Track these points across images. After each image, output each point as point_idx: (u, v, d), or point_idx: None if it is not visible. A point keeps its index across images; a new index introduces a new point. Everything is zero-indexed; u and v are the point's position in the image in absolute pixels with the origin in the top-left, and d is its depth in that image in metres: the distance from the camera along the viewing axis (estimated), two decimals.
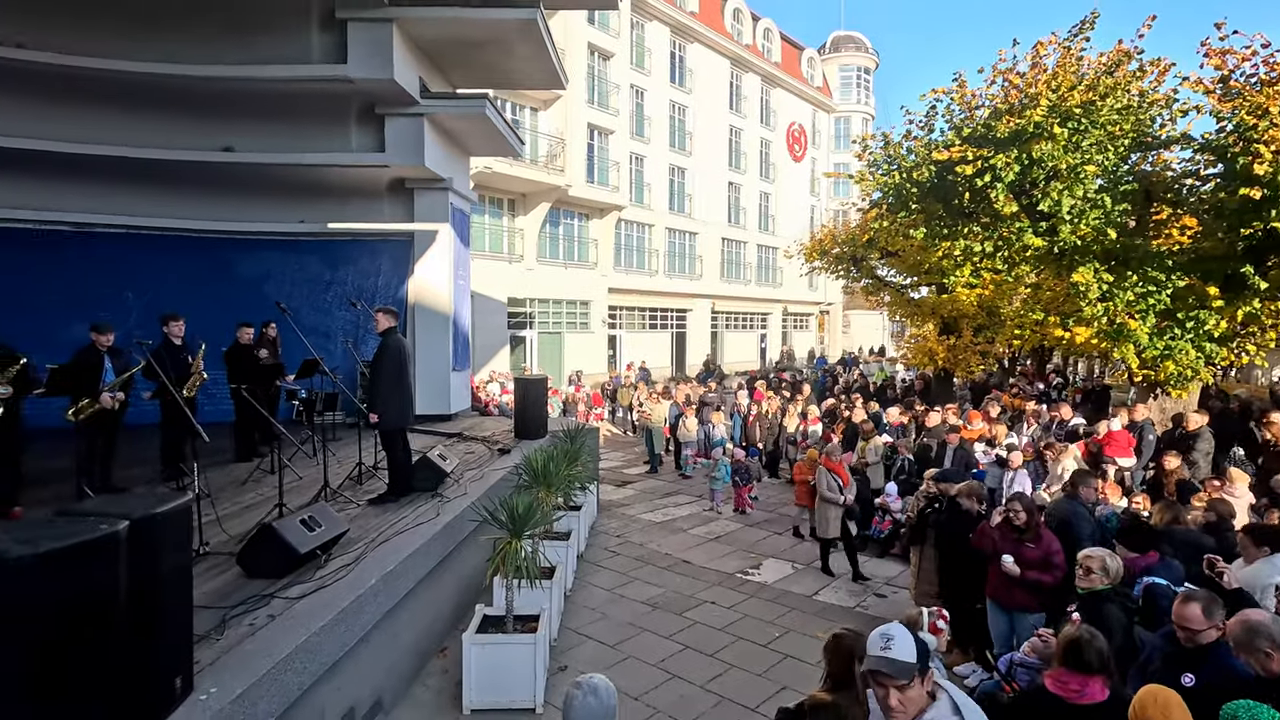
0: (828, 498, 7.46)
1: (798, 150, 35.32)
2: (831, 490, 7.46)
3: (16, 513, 4.81)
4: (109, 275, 9.79)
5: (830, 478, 7.53)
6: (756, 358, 33.25)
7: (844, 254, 17.82)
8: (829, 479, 7.51)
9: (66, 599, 2.20)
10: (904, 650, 2.05)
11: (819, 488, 7.57)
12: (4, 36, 7.78)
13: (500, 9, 8.63)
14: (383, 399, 5.92)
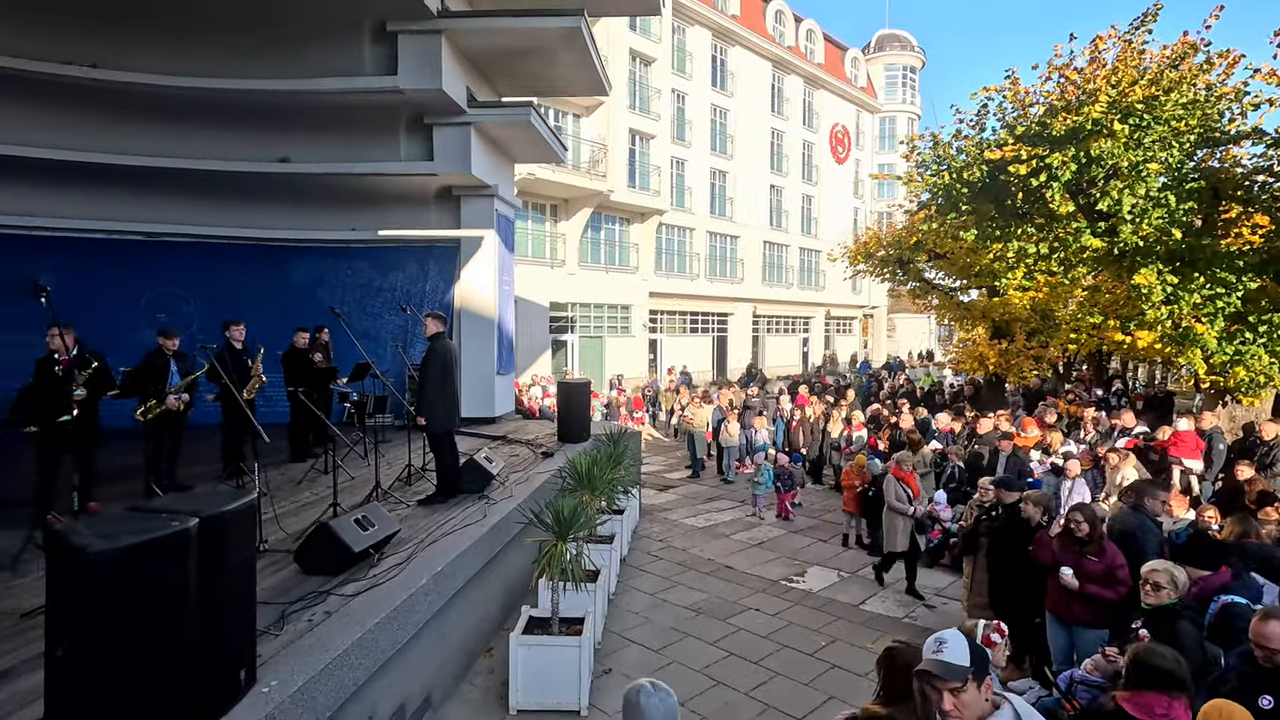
0: (896, 508, 7.15)
1: (841, 152, 34.83)
2: (900, 501, 7.15)
3: (94, 508, 5.06)
4: (174, 282, 10.26)
5: (899, 487, 7.22)
6: (798, 362, 32.85)
7: (890, 257, 17.48)
8: (898, 489, 7.21)
9: (142, 591, 2.30)
10: (957, 653, 2.01)
11: (887, 498, 7.26)
12: (77, 58, 8.24)
13: (545, 17, 8.75)
14: (429, 402, 6.05)
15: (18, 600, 3.95)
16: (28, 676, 3.06)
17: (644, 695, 2.11)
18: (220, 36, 8.50)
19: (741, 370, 26.29)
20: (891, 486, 7.26)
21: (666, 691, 2.16)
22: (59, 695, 2.28)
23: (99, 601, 2.21)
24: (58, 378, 5.03)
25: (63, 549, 2.26)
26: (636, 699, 2.12)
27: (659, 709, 2.09)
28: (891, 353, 35.80)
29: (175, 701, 2.47)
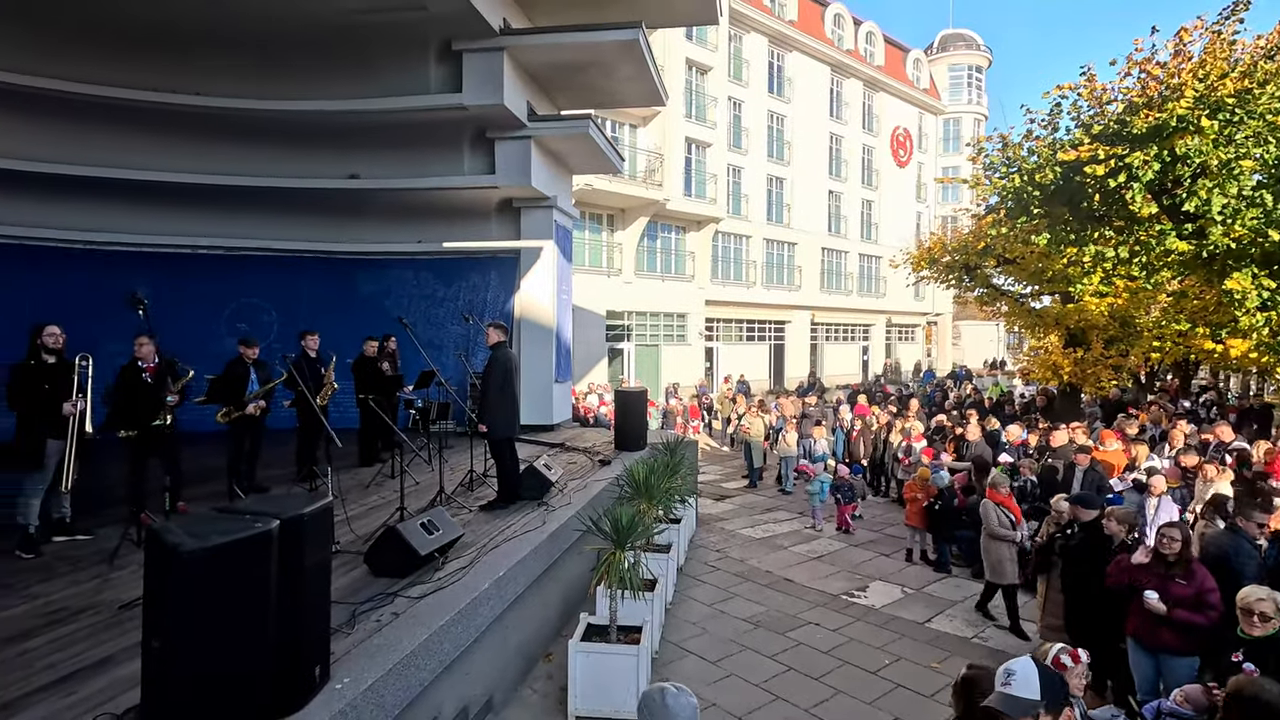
0: (1000, 535, 6.60)
1: (902, 155, 34.00)
2: (1003, 526, 6.63)
3: (182, 507, 5.38)
4: (254, 294, 10.85)
5: (1000, 512, 6.69)
6: (858, 370, 32.11)
7: (955, 262, 16.90)
8: (998, 514, 6.68)
9: (229, 588, 2.44)
10: (1025, 686, 1.92)
11: (987, 525, 6.73)
12: (181, 86, 8.85)
13: (603, 31, 8.89)
14: (491, 409, 6.18)
15: (116, 592, 4.23)
16: (126, 665, 3.28)
17: (669, 696, 2.09)
18: (299, 62, 8.97)
19: (800, 379, 25.87)
20: (991, 512, 6.73)
21: (688, 692, 2.15)
22: (154, 684, 2.44)
23: (190, 597, 2.35)
24: (148, 385, 5.37)
25: (158, 547, 2.42)
26: (661, 699, 2.10)
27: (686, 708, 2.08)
28: (957, 361, 34.58)
29: (258, 694, 2.60)
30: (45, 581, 4.46)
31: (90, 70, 8.50)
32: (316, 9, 7.89)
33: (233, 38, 8.48)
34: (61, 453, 5.05)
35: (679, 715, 2.07)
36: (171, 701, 2.40)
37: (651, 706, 2.08)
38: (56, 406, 4.99)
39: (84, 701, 2.99)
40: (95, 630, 3.74)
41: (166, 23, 8.09)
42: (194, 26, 8.22)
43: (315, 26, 8.28)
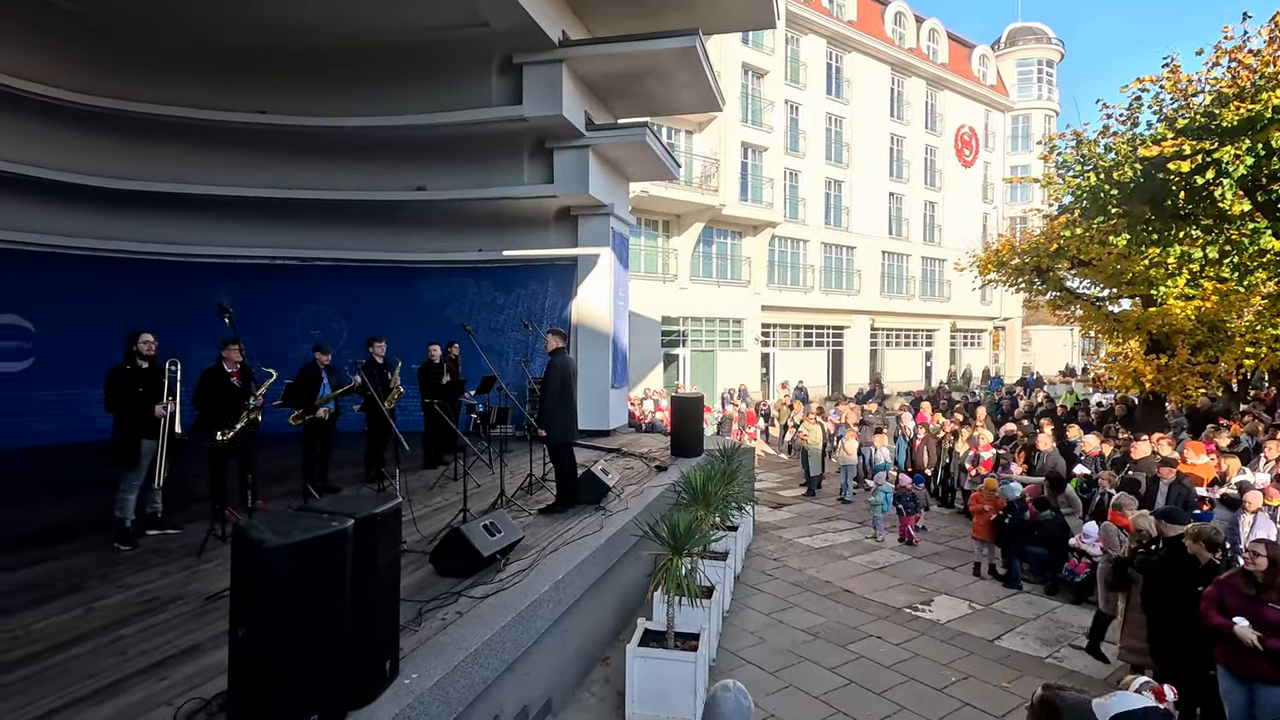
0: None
1: (967, 155, 32.90)
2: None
3: (260, 505, 5.67)
4: (325, 301, 11.35)
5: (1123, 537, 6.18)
6: (921, 377, 31.16)
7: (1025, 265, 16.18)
8: (1120, 538, 6.25)
9: (308, 583, 2.56)
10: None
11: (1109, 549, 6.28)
12: (248, 106, 9.39)
13: (660, 40, 8.95)
14: (549, 414, 6.27)
15: (203, 584, 4.48)
16: (213, 653, 3.48)
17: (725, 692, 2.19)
18: (368, 80, 9.37)
19: (859, 385, 25.31)
20: (1113, 536, 6.37)
21: (744, 692, 2.21)
22: (240, 671, 2.58)
23: (273, 589, 2.48)
24: (234, 388, 5.69)
25: (244, 542, 2.56)
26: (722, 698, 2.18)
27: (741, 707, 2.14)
28: (1027, 367, 33.15)
29: (335, 685, 2.72)
30: (139, 572, 4.77)
31: (176, 94, 9.11)
32: (387, 29, 8.23)
33: (307, 59, 8.92)
34: (154, 452, 5.40)
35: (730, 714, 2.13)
36: (255, 689, 2.54)
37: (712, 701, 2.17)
38: (149, 409, 5.34)
39: (175, 686, 3.19)
40: (184, 619, 3.97)
41: (246, 47, 8.59)
42: (271, 50, 8.69)
43: (384, 45, 8.64)
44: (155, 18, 7.87)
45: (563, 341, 6.47)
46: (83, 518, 5.86)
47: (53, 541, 5.37)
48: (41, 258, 9.58)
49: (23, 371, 9.65)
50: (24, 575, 4.67)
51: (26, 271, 9.46)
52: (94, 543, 5.32)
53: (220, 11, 7.79)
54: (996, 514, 8.10)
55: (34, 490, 7.20)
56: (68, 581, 4.54)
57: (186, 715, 2.89)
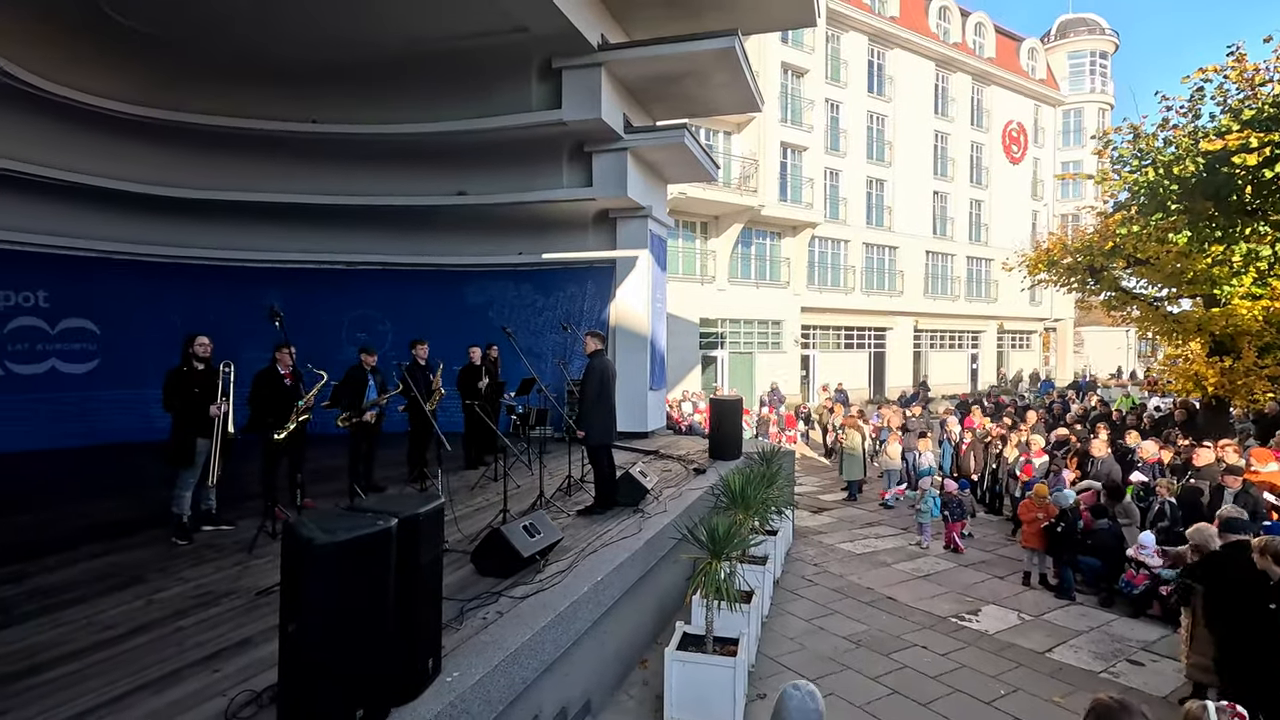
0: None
1: (1015, 151, 31.95)
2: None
3: (308, 503, 5.82)
4: (370, 305, 11.63)
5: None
6: (966, 380, 30.36)
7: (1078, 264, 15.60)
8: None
9: (355, 580, 2.62)
10: None
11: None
12: (298, 116, 9.69)
13: (699, 41, 8.92)
14: (588, 416, 6.29)
15: (254, 579, 4.63)
16: (263, 646, 3.58)
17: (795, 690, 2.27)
18: (410, 88, 9.57)
19: (902, 388, 24.79)
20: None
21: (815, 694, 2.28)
22: (290, 665, 2.65)
23: (321, 586, 2.54)
24: (286, 389, 5.86)
25: (294, 540, 2.63)
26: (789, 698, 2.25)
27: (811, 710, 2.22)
28: (1079, 370, 32.01)
29: (380, 681, 2.77)
30: (195, 566, 4.95)
31: (229, 105, 9.46)
32: (431, 38, 8.39)
33: (352, 69, 9.16)
34: (208, 451, 5.60)
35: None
36: (304, 683, 2.60)
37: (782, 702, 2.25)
38: (205, 409, 5.54)
39: (228, 678, 3.29)
40: (237, 613, 4.10)
41: (296, 59, 8.85)
42: (320, 62, 8.94)
43: (427, 54, 8.81)
44: (211, 33, 8.18)
45: (601, 344, 6.48)
46: (143, 513, 6.12)
47: (117, 535, 5.62)
48: (104, 264, 10.04)
49: (88, 373, 10.13)
50: (93, 566, 4.90)
51: (91, 277, 9.94)
52: (154, 537, 5.54)
53: (273, 26, 8.06)
54: (1048, 522, 7.83)
55: (99, 486, 7.53)
56: (130, 573, 4.74)
57: (239, 707, 2.98)
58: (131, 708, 3.02)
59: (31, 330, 9.56)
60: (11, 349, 9.37)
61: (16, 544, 5.30)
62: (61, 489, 7.42)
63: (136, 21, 7.82)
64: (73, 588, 4.47)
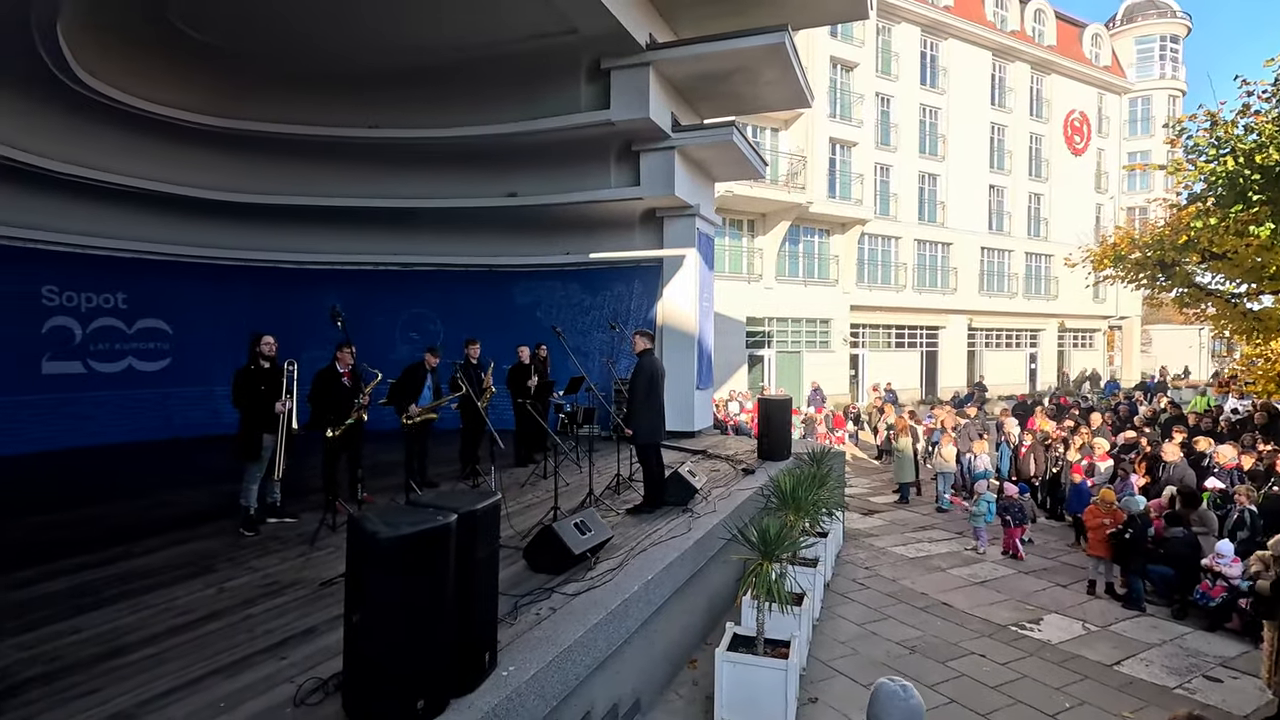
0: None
1: (1078, 142, 30.65)
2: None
3: (367, 497, 6.00)
4: (423, 305, 11.92)
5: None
6: (1025, 380, 29.30)
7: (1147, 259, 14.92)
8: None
9: (417, 573, 2.69)
10: None
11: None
12: (355, 122, 9.99)
13: (748, 38, 8.84)
14: (636, 415, 6.30)
15: (317, 570, 4.80)
16: (328, 635, 3.71)
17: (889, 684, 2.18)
18: (463, 92, 9.76)
19: (955, 388, 24.08)
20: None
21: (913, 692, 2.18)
22: (355, 654, 2.74)
23: (385, 578, 2.62)
24: (345, 388, 6.05)
25: (359, 533, 2.72)
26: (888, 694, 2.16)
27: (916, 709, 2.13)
28: (1146, 370, 30.52)
29: (441, 672, 2.84)
30: (261, 557, 5.16)
31: (290, 113, 9.81)
32: (485, 42, 8.55)
33: (408, 75, 9.39)
34: (274, 446, 5.82)
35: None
36: (368, 672, 2.68)
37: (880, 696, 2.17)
38: (270, 406, 5.76)
39: (295, 665, 3.42)
40: (302, 603, 4.26)
41: (355, 67, 9.13)
42: (378, 69, 9.20)
43: (479, 59, 8.97)
44: (277, 45, 8.51)
45: (650, 343, 6.49)
46: (214, 504, 6.41)
47: (190, 524, 5.90)
48: (175, 266, 10.56)
49: (161, 370, 10.66)
50: (170, 554, 5.16)
51: (164, 279, 10.46)
52: (223, 527, 5.80)
53: (336, 37, 8.33)
54: (1115, 528, 7.50)
55: (173, 478, 7.92)
56: (203, 562, 4.98)
57: (306, 693, 3.09)
58: (207, 690, 3.17)
59: (111, 330, 10.12)
60: (94, 348, 9.93)
61: (101, 532, 5.63)
62: (139, 480, 7.82)
63: (208, 35, 8.19)
64: (152, 574, 4.72)
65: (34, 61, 7.21)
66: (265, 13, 7.83)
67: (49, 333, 9.46)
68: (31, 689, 3.18)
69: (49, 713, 2.99)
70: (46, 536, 5.49)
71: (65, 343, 9.65)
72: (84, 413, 9.73)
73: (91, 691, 3.16)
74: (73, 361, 9.71)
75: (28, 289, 9.23)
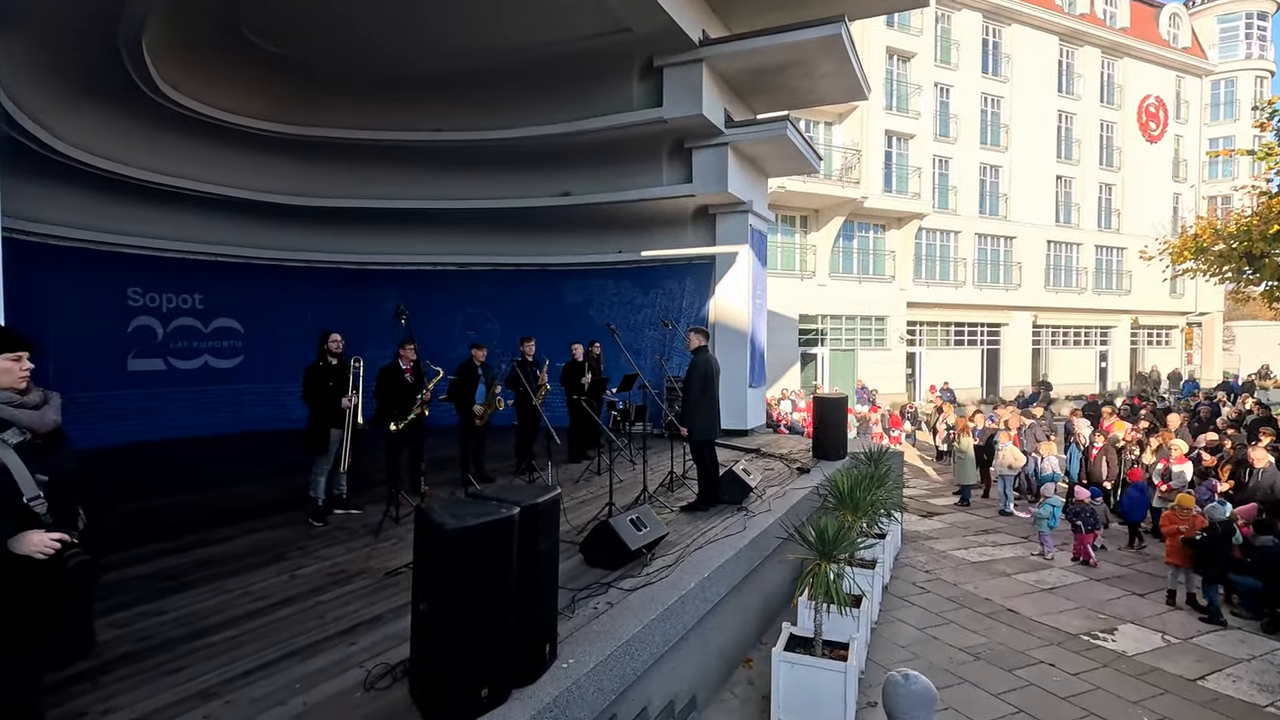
0: None
1: (1154, 129, 29.05)
2: None
3: (429, 491, 6.16)
4: (480, 304, 12.17)
5: None
6: (1094, 379, 27.99)
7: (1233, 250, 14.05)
8: None
9: (481, 564, 2.74)
10: None
11: None
12: (417, 126, 10.25)
13: (803, 30, 8.68)
14: (691, 413, 6.28)
15: (382, 560, 4.95)
16: (393, 623, 3.82)
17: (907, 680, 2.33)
18: (517, 94, 9.88)
19: (1017, 387, 23.17)
20: None
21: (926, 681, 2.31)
22: (422, 641, 2.81)
23: (452, 568, 2.68)
24: (407, 384, 6.23)
25: (426, 524, 2.79)
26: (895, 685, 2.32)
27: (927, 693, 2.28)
28: (1229, 369, 28.74)
29: (506, 661, 2.89)
30: (329, 547, 5.36)
31: (351, 118, 10.14)
32: (541, 44, 8.64)
33: (465, 78, 9.57)
34: (340, 440, 6.04)
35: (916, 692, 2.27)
36: (434, 659, 2.75)
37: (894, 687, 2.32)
38: (337, 401, 5.97)
39: (364, 651, 3.54)
40: (368, 591, 4.40)
41: (415, 72, 9.36)
42: (436, 73, 9.41)
43: (534, 60, 9.08)
44: (343, 52, 8.79)
45: (704, 339, 6.45)
46: (284, 495, 6.69)
47: (262, 515, 6.18)
48: (247, 268, 11.07)
49: (234, 367, 11.19)
50: (246, 542, 5.42)
51: (236, 280, 10.98)
52: (293, 517, 6.05)
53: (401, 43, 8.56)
54: (1196, 535, 7.09)
55: (247, 470, 8.29)
56: (275, 550, 5.21)
57: (375, 678, 3.19)
58: (284, 672, 3.31)
59: (189, 329, 10.68)
60: (173, 346, 10.50)
61: (181, 520, 5.95)
62: (215, 472, 8.23)
63: (276, 45, 8.54)
64: (230, 561, 4.96)
65: (122, 77, 7.66)
66: (333, 22, 8.11)
67: (134, 331, 10.06)
68: (123, 666, 3.38)
69: (140, 688, 3.17)
70: (132, 524, 5.81)
71: (148, 341, 10.23)
72: (164, 407, 10.31)
73: (177, 670, 3.35)
74: (155, 359, 10.30)
75: (115, 291, 9.83)
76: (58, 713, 2.91)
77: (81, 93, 7.99)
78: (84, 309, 9.40)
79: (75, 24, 6.67)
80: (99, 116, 8.41)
